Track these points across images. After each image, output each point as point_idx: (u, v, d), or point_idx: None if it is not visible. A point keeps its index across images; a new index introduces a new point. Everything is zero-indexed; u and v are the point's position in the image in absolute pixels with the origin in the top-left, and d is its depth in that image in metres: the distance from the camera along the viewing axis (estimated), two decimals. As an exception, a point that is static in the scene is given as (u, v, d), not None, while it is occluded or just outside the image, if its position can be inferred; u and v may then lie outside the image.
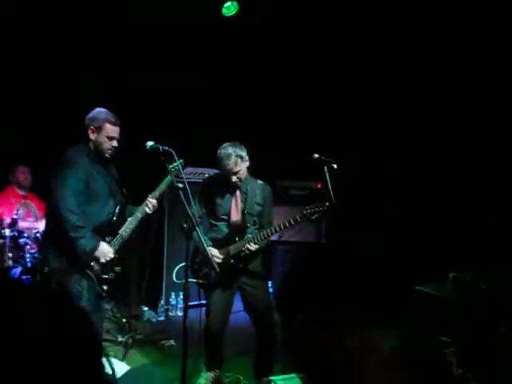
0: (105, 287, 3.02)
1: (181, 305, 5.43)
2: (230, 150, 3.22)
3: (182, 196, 2.63)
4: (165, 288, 5.38)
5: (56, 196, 2.94)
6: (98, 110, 3.13)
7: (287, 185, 5.87)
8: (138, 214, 3.15)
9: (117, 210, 3.15)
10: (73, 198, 2.90)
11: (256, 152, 3.47)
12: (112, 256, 3.03)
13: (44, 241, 3.47)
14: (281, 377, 3.61)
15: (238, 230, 3.37)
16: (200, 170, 5.18)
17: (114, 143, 3.11)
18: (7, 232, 4.22)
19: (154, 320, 5.19)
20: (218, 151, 3.28)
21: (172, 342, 4.42)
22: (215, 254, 3.23)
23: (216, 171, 3.58)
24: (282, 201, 5.31)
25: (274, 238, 5.82)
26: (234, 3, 5.14)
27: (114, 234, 3.11)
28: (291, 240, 5.78)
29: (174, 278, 3.73)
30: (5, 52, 4.73)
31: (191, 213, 2.63)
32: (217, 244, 3.31)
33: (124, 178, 3.37)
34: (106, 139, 3.08)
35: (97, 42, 5.03)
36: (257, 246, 3.24)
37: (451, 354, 3.33)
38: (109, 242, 3.07)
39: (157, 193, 3.16)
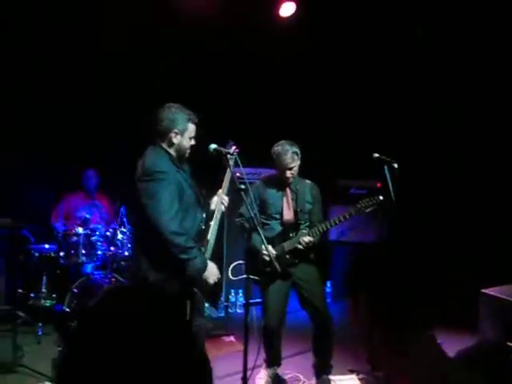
0: (206, 304, 2.98)
1: (240, 302, 5.57)
2: (287, 146, 3.37)
3: (244, 197, 2.69)
4: (225, 285, 5.52)
5: (155, 220, 2.62)
6: (173, 109, 2.81)
7: (347, 184, 5.84)
8: (217, 215, 2.93)
9: (204, 216, 2.95)
10: (174, 219, 2.63)
11: (317, 151, 3.54)
12: (219, 276, 2.84)
13: (139, 258, 2.83)
14: (340, 377, 3.64)
15: (291, 228, 3.47)
16: (260, 170, 5.26)
17: (193, 142, 2.89)
18: (81, 230, 4.51)
19: (214, 316, 5.34)
20: (275, 148, 3.43)
21: (232, 338, 4.54)
22: (271, 250, 3.25)
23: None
24: (341, 200, 5.31)
25: (333, 237, 5.94)
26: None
27: (205, 242, 2.90)
28: (351, 240, 5.76)
29: (230, 275, 3.74)
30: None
31: (253, 213, 2.69)
32: (269, 242, 3.32)
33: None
34: (188, 140, 2.85)
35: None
36: (312, 239, 3.35)
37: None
38: (204, 253, 2.85)
39: (226, 189, 2.99)
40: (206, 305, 5.35)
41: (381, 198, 3.33)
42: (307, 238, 3.35)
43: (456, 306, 4.88)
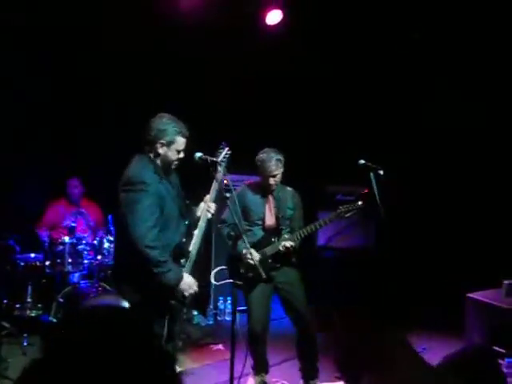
0: (184, 311, 2.94)
1: (229, 309, 5.54)
2: (272, 153, 3.44)
3: (230, 205, 2.69)
4: (213, 293, 5.50)
5: (131, 231, 2.63)
6: (164, 120, 2.79)
7: (335, 190, 5.86)
8: (202, 224, 2.87)
9: (184, 231, 2.91)
10: (150, 231, 2.62)
11: (306, 157, 3.63)
12: (196, 288, 2.81)
13: (117, 270, 3.07)
14: (327, 384, 3.64)
15: (273, 233, 3.55)
16: (245, 177, 5.24)
17: (181, 155, 2.84)
18: (67, 239, 4.47)
19: (203, 324, 5.31)
20: (259, 155, 3.50)
21: (221, 346, 4.52)
22: (254, 255, 3.26)
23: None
24: (328, 206, 5.32)
25: (321, 242, 5.96)
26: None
27: (185, 254, 2.86)
28: (338, 246, 5.78)
29: (213, 280, 3.75)
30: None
31: (238, 221, 2.70)
32: (252, 247, 3.30)
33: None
34: (175, 152, 2.80)
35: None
36: (293, 244, 3.43)
37: (507, 366, 3.22)
38: (183, 266, 2.82)
39: (213, 196, 2.93)
40: (195, 313, 5.36)
41: (360, 203, 3.48)
42: (288, 243, 3.42)
43: (443, 311, 4.92)
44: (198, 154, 2.87)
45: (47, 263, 4.50)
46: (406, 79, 5.78)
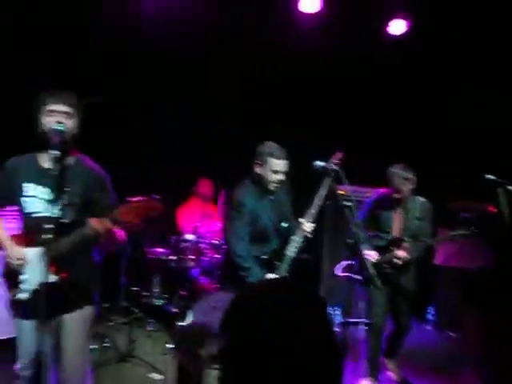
0: None
1: (337, 320, 5.54)
2: (401, 170, 3.69)
3: (349, 214, 2.76)
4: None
5: (226, 238, 3.37)
6: (266, 144, 3.23)
7: (457, 207, 5.58)
8: (297, 237, 3.21)
9: (278, 244, 3.33)
10: (240, 242, 3.20)
11: (429, 173, 3.70)
12: None
13: (224, 269, 3.79)
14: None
15: (395, 243, 3.82)
16: (364, 189, 5.25)
17: (280, 176, 3.18)
18: (190, 237, 4.86)
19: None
20: (391, 170, 3.73)
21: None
22: (373, 255, 3.72)
23: (378, 190, 3.99)
24: (450, 223, 5.11)
25: (438, 261, 5.70)
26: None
27: (281, 257, 3.23)
28: (456, 265, 5.49)
29: (339, 273, 4.14)
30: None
31: (356, 230, 2.75)
32: (377, 252, 3.79)
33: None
34: (270, 173, 3.17)
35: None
36: (406, 255, 3.71)
37: None
38: (276, 269, 3.20)
39: (314, 211, 3.21)
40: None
41: (473, 228, 3.62)
42: (401, 253, 3.72)
43: None
44: (320, 163, 2.99)
45: (172, 258, 4.93)
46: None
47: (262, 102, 5.62)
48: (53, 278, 2.27)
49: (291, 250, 3.21)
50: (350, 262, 4.01)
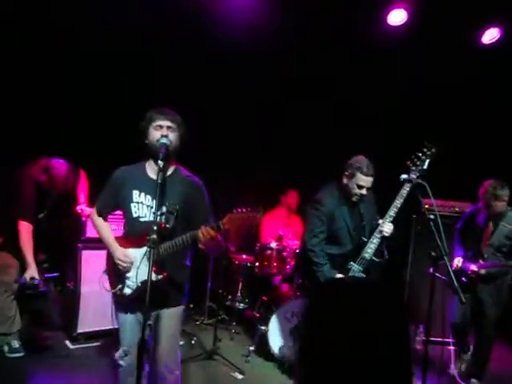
0: None
1: (419, 337, 5.37)
2: (499, 187, 3.77)
3: (433, 227, 2.76)
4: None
5: (304, 234, 3.68)
6: (357, 157, 3.42)
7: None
8: (375, 237, 3.33)
9: (352, 249, 3.49)
10: (313, 238, 3.49)
11: None
12: None
13: (300, 263, 4.24)
14: None
15: (483, 255, 4.01)
16: (449, 203, 5.11)
17: (363, 191, 3.40)
18: (274, 245, 5.03)
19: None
20: (490, 187, 3.80)
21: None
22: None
23: (465, 204, 4.32)
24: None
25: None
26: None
27: (355, 258, 3.36)
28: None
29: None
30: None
31: (440, 243, 2.74)
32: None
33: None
34: (355, 186, 3.40)
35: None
36: (475, 269, 3.93)
37: None
38: (349, 269, 3.35)
39: (392, 213, 3.29)
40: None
41: None
42: (472, 267, 3.96)
43: None
44: (404, 176, 3.04)
45: (256, 264, 5.13)
46: None
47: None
48: (154, 278, 2.48)
49: (368, 252, 3.31)
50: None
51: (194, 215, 2.64)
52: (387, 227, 3.28)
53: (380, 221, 3.31)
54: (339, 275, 3.37)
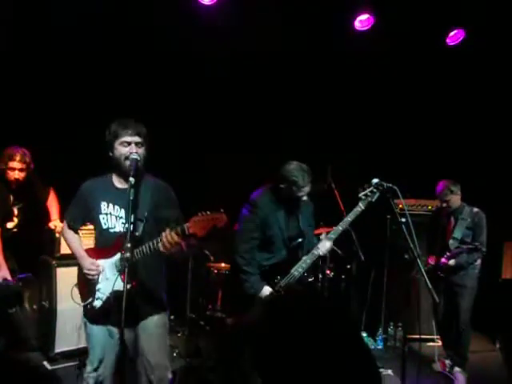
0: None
1: (399, 335, 5.46)
2: (451, 184, 4.28)
3: (404, 229, 2.80)
4: (383, 317, 5.48)
5: (235, 237, 3.32)
6: (290, 167, 3.23)
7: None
8: (315, 252, 3.25)
9: (285, 257, 3.32)
10: (244, 243, 3.23)
11: None
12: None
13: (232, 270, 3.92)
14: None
15: (450, 248, 4.30)
16: (421, 201, 5.21)
17: (303, 198, 3.26)
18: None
19: (372, 347, 5.32)
20: (445, 186, 4.30)
21: (390, 371, 4.50)
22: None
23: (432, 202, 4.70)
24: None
25: (507, 276, 5.46)
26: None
27: (283, 272, 3.24)
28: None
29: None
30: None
31: (412, 245, 2.77)
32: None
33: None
34: (293, 195, 3.23)
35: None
36: (445, 261, 4.26)
37: None
38: (276, 283, 3.22)
39: (333, 235, 3.28)
40: (364, 335, 5.39)
41: None
42: (452, 262, 4.27)
43: None
44: (375, 180, 3.07)
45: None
46: None
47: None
48: (122, 287, 2.36)
49: (298, 270, 3.19)
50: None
51: (163, 219, 2.59)
52: (323, 246, 3.23)
53: (322, 235, 3.28)
54: (267, 288, 3.18)
